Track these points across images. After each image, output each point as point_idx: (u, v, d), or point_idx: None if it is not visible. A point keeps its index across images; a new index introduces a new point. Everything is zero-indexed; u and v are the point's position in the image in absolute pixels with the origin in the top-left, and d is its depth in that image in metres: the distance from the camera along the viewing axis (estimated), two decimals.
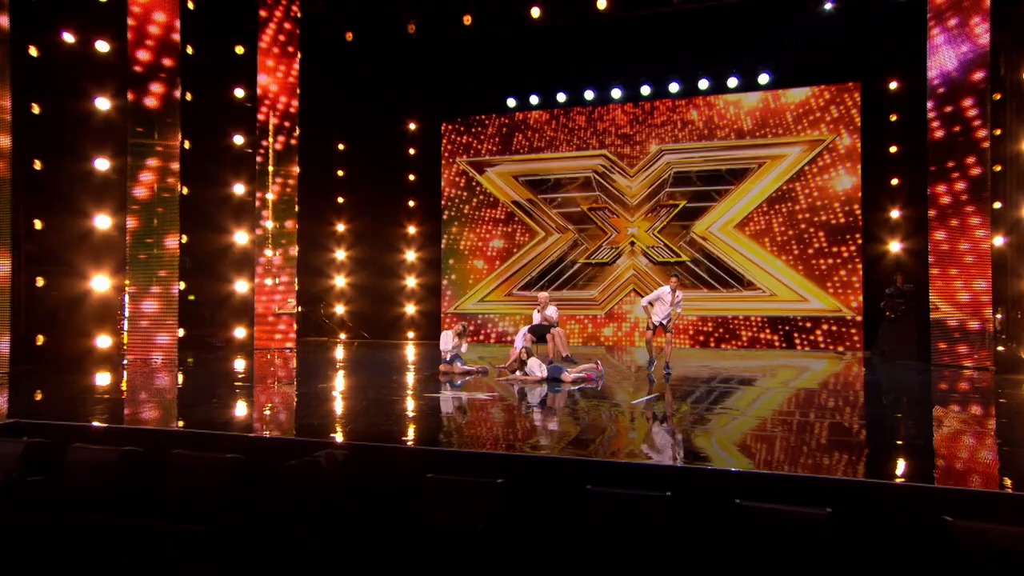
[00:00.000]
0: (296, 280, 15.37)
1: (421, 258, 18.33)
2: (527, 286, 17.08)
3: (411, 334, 18.17)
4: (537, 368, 9.27)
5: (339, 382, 9.82)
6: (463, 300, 17.66)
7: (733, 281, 15.74)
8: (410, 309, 18.36)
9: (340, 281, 18.87)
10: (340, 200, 18.86)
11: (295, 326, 15.33)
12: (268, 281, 14.98)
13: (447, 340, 10.49)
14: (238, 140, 14.97)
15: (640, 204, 16.49)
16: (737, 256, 15.78)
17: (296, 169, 15.41)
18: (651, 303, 9.77)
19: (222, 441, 6.36)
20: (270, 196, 15.32)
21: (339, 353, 14.89)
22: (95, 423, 6.80)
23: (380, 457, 5.95)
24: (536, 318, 10.93)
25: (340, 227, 18.87)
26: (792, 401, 8.29)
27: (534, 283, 16.95)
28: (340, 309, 18.70)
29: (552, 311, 10.70)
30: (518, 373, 9.27)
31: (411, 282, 18.40)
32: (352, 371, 11.51)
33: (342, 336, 18.44)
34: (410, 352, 15.01)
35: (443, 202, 17.98)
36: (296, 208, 15.42)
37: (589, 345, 16.67)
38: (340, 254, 18.89)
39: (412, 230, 18.43)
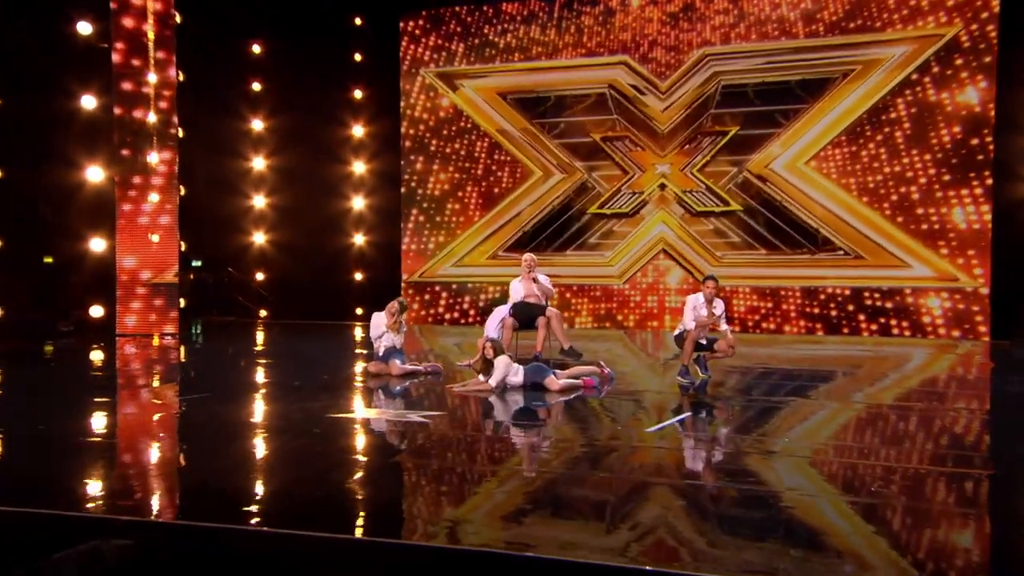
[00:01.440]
0: (179, 237, 14.55)
1: (373, 207, 17.72)
2: (518, 245, 16.50)
3: (359, 311, 17.38)
4: (506, 370, 8.23)
5: (211, 393, 8.58)
6: (431, 264, 17.16)
7: (803, 239, 15.06)
8: (358, 277, 17.73)
9: (259, 238, 18.18)
10: (257, 125, 18.06)
11: (180, 302, 14.47)
12: (155, 238, 13.93)
13: (379, 324, 9.48)
14: (83, 28, 13.43)
15: (674, 132, 15.81)
16: (810, 204, 15.04)
17: (173, 74, 14.06)
18: (694, 319, 9.03)
19: None
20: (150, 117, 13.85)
21: (247, 341, 14.43)
22: None
23: (193, 551, 4.31)
24: (518, 291, 10.01)
25: (258, 163, 18.08)
26: (898, 427, 7.06)
27: (528, 241, 16.51)
28: (260, 276, 18.19)
29: (545, 281, 10.05)
30: (481, 377, 8.30)
31: (359, 240, 17.76)
32: (245, 372, 10.81)
33: (262, 314, 17.92)
34: (353, 338, 14.60)
35: (403, 130, 17.28)
36: (178, 132, 14.29)
37: (603, 327, 16.06)
38: (258, 200, 18.18)
39: (360, 168, 17.70)
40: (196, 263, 17.45)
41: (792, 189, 15.08)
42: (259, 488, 5.23)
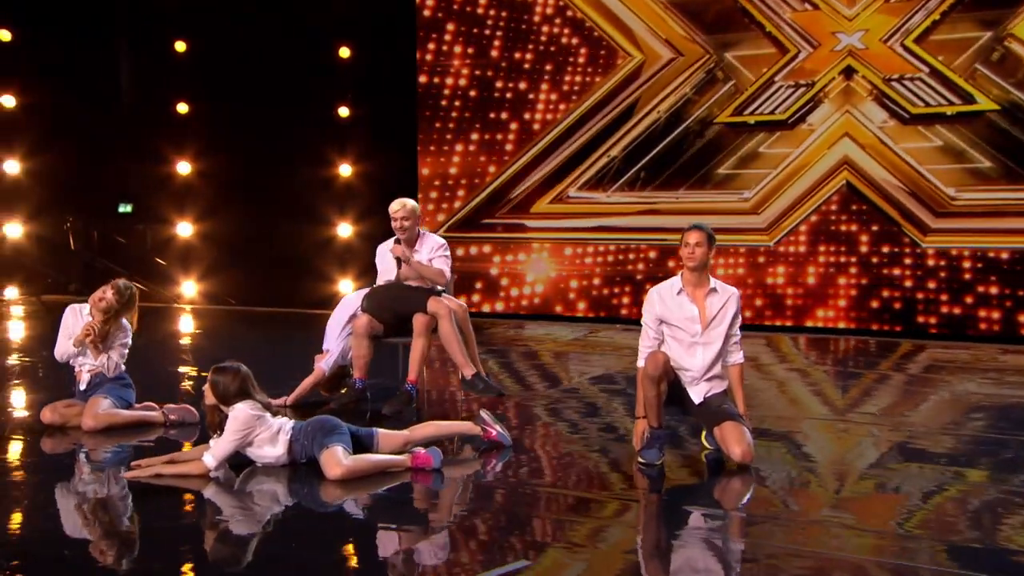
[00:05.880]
0: None
1: (364, 117, 15.15)
2: (599, 181, 14.06)
3: (341, 289, 14.56)
4: (245, 433, 5.94)
5: None
6: (464, 210, 14.85)
7: None
8: (343, 231, 14.83)
9: (183, 168, 15.64)
10: None
11: None
12: None
13: (70, 324, 7.26)
14: None
15: None
16: None
17: None
18: (656, 338, 6.42)
19: None
20: None
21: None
22: None
23: None
24: (387, 265, 7.75)
25: (180, 46, 15.45)
26: None
27: (618, 173, 14.09)
28: (188, 230, 15.74)
29: (434, 250, 7.78)
30: (212, 443, 6.01)
31: (345, 171, 14.96)
32: None
33: (181, 294, 15.45)
34: (289, 339, 12.14)
35: None
36: None
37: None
38: (182, 107, 15.73)
39: (345, 53, 14.87)
40: (125, 208, 15.42)
41: None
42: None
